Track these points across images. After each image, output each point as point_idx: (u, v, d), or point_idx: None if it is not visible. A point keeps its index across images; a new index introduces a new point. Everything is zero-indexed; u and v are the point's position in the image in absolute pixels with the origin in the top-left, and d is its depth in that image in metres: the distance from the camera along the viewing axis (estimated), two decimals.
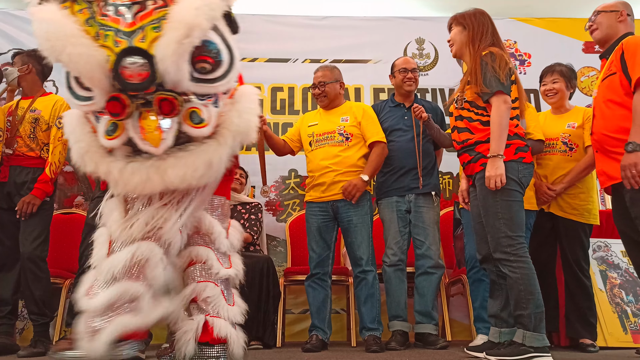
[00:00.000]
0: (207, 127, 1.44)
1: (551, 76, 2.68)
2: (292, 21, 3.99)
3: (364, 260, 2.55)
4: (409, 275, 2.67)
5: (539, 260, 2.63)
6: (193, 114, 1.43)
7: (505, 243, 1.90)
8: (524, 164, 1.98)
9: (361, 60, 3.93)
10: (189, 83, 1.39)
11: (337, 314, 3.33)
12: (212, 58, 1.41)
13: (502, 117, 1.93)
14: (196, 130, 1.42)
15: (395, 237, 2.63)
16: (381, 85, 3.82)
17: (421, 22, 4.08)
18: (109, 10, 1.37)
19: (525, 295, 1.86)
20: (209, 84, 1.43)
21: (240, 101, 1.52)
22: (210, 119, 1.44)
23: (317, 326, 2.58)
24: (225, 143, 1.47)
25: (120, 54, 1.31)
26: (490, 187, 1.91)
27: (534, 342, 1.83)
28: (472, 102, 2.05)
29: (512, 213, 1.91)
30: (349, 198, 2.55)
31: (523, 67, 4.02)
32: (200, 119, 1.43)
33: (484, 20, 2.13)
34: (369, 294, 2.54)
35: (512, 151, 1.97)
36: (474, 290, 2.53)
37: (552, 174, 2.60)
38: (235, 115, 1.49)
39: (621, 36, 2.12)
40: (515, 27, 4.08)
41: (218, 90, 1.46)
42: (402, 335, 2.56)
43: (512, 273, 1.89)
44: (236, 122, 1.48)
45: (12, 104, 2.68)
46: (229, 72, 1.46)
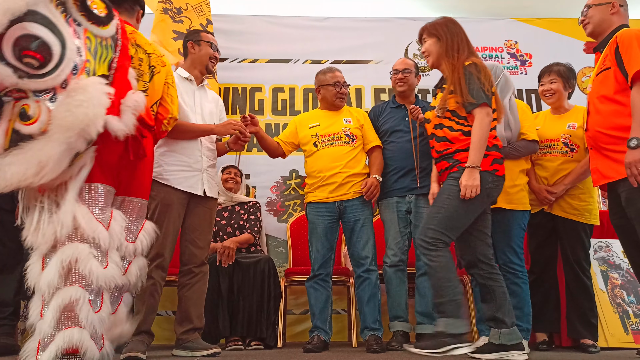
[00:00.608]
0: (36, 124, 1.44)
1: (549, 76, 2.68)
2: (293, 22, 4.00)
3: (369, 259, 2.55)
4: (410, 276, 2.67)
5: (539, 260, 2.65)
6: (23, 111, 1.44)
7: (431, 235, 1.96)
8: (495, 177, 2.01)
9: (362, 60, 3.94)
10: (16, 80, 1.38)
11: (338, 315, 3.34)
12: (38, 53, 1.39)
13: (484, 129, 1.97)
14: (25, 128, 1.43)
15: (395, 238, 2.63)
16: (382, 86, 3.83)
17: (422, 23, 3.98)
18: None
19: (443, 282, 1.91)
20: (38, 79, 1.41)
21: (72, 95, 1.49)
22: (40, 116, 1.44)
23: (318, 327, 2.58)
24: (53, 139, 1.45)
25: None
26: (464, 196, 1.95)
27: (454, 329, 1.87)
28: (454, 112, 2.07)
29: (453, 214, 1.96)
30: (370, 197, 2.59)
31: (524, 68, 4.02)
32: (29, 117, 1.44)
33: (457, 30, 2.16)
34: (372, 294, 2.54)
35: (488, 162, 2.00)
36: (477, 292, 2.53)
37: (554, 175, 2.60)
38: (63, 110, 1.47)
39: (615, 29, 2.08)
40: (516, 27, 4.09)
41: (49, 85, 1.45)
42: (403, 336, 2.56)
43: (431, 262, 1.94)
44: (64, 116, 1.46)
45: None
46: (59, 65, 1.43)
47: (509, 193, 2.44)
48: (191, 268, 2.34)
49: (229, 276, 2.83)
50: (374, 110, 2.88)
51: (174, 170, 2.27)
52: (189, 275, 2.34)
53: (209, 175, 2.39)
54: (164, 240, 2.20)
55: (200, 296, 2.35)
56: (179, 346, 2.30)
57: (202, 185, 2.33)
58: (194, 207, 2.34)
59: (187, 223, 2.35)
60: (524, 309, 2.40)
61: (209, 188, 2.36)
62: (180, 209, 2.29)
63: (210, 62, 2.47)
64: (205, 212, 2.38)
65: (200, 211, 2.36)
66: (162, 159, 2.28)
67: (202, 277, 2.36)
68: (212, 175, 2.43)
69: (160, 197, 2.23)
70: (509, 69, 4.03)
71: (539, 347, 2.55)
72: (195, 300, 2.33)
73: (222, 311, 2.75)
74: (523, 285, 2.41)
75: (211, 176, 2.41)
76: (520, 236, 2.46)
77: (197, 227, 2.35)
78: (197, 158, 2.32)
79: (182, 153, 2.29)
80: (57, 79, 1.45)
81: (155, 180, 2.22)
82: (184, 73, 2.46)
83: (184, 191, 2.29)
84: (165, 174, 2.25)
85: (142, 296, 2.19)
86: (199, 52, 2.46)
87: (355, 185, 2.61)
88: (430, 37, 2.18)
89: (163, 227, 2.19)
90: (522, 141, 2.50)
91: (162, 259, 2.23)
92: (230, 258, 2.82)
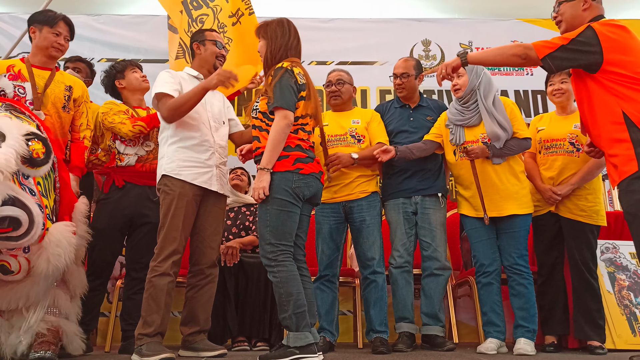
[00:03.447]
0: (19, 274, 1.86)
1: (559, 76, 2.68)
2: (298, 23, 3.92)
3: (375, 261, 2.54)
4: (416, 277, 2.67)
5: (546, 263, 2.65)
6: (3, 267, 1.84)
7: (269, 250, 1.96)
8: (300, 175, 1.99)
9: (367, 62, 3.94)
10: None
11: (344, 316, 3.33)
12: (9, 228, 1.72)
13: (278, 132, 1.97)
14: (9, 278, 1.87)
15: (401, 239, 2.62)
16: (387, 87, 3.83)
17: (427, 24, 4.09)
18: None
19: (285, 297, 1.91)
20: (14, 242, 1.77)
21: (49, 248, 1.87)
22: (20, 269, 1.86)
23: (324, 328, 2.57)
24: (38, 283, 1.92)
25: None
26: (255, 198, 1.97)
27: (298, 342, 1.87)
28: (264, 113, 2.07)
29: (278, 222, 1.96)
30: (330, 167, 2.54)
31: (529, 69, 4.01)
32: (10, 271, 1.85)
33: (282, 31, 2.14)
34: (378, 296, 2.53)
35: (290, 162, 1.99)
36: (484, 294, 2.52)
37: (560, 174, 2.59)
38: (44, 261, 1.87)
39: (587, 24, 2.02)
40: (521, 28, 4.08)
41: (23, 245, 1.84)
42: (409, 337, 2.55)
43: (274, 278, 1.94)
44: (46, 267, 1.87)
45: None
46: (30, 230, 1.77)
47: (517, 197, 2.46)
48: (202, 269, 2.32)
49: (235, 277, 2.83)
50: (378, 110, 2.87)
51: (188, 166, 2.26)
52: (200, 276, 2.33)
53: (221, 172, 2.39)
54: (179, 235, 2.18)
55: (209, 299, 2.34)
56: (185, 347, 2.29)
57: (215, 181, 2.32)
58: (206, 206, 2.33)
59: (198, 222, 2.33)
60: (530, 309, 2.41)
61: (221, 185, 2.36)
62: (195, 206, 2.28)
63: (217, 60, 2.47)
64: (217, 211, 2.37)
65: (212, 210, 2.35)
66: (175, 155, 2.26)
67: (212, 280, 2.35)
68: (224, 173, 2.42)
69: (176, 191, 2.21)
70: (514, 69, 4.02)
71: (546, 349, 2.54)
72: (204, 303, 2.32)
73: (228, 312, 2.76)
74: (529, 286, 2.43)
75: (223, 173, 2.40)
76: (525, 238, 2.47)
77: (208, 226, 2.34)
78: (209, 155, 2.32)
79: (194, 150, 2.29)
80: (31, 239, 1.81)
81: (170, 176, 2.23)
82: (193, 72, 2.46)
83: (199, 187, 2.28)
84: (179, 170, 2.25)
85: (158, 295, 2.12)
86: (204, 52, 2.46)
87: (360, 186, 2.60)
88: (260, 38, 2.18)
89: (178, 222, 2.18)
90: (514, 139, 2.51)
91: (178, 256, 2.19)
92: (234, 257, 2.82)
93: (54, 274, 1.91)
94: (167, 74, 2.38)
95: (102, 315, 2.71)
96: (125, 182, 2.56)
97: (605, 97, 1.95)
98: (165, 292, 2.12)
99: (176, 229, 2.18)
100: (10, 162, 1.72)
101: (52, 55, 2.39)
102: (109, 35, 3.87)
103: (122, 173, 2.57)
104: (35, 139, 1.87)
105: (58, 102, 2.36)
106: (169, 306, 2.17)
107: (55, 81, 2.39)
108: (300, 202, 2.01)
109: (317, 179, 2.07)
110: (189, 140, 2.29)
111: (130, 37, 3.49)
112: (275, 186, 1.97)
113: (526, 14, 4.11)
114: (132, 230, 2.58)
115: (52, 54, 2.38)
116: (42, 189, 1.94)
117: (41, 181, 1.94)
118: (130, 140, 2.59)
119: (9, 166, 1.71)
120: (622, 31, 1.95)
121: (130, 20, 3.81)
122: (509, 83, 3.98)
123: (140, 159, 2.58)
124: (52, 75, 2.39)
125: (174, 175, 2.23)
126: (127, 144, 2.60)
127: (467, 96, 2.55)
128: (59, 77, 2.43)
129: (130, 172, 2.57)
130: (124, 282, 2.73)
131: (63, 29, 2.39)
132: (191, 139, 2.29)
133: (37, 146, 1.87)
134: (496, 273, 2.49)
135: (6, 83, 2.27)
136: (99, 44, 3.77)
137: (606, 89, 1.94)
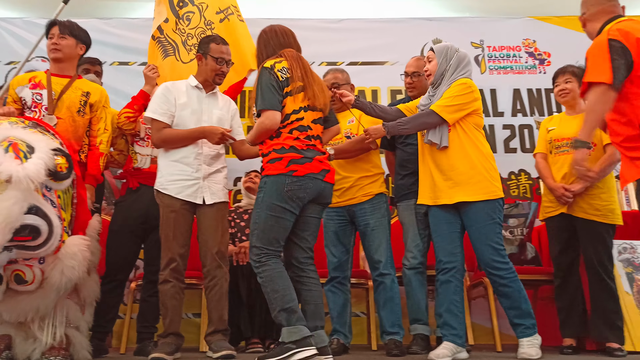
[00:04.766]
0: (33, 284, 1.90)
1: (563, 76, 2.71)
2: (307, 24, 3.99)
3: (381, 263, 2.53)
4: (430, 278, 2.64)
5: (562, 265, 2.61)
6: (17, 276, 1.88)
7: (255, 252, 1.97)
8: (294, 177, 1.95)
9: (378, 62, 3.92)
10: (8, 255, 1.79)
11: (357, 317, 3.32)
12: (28, 236, 1.79)
13: (260, 133, 2.03)
14: (21, 288, 1.90)
15: (414, 240, 2.61)
16: (398, 87, 3.80)
17: (438, 23, 4.06)
18: None
19: (272, 295, 1.92)
20: (31, 251, 1.84)
21: (64, 260, 1.93)
22: (34, 279, 1.89)
23: (337, 330, 2.57)
24: (49, 296, 1.95)
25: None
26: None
27: (292, 336, 1.85)
28: (258, 114, 2.08)
29: (266, 226, 1.96)
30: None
31: (543, 67, 3.97)
32: (24, 281, 1.89)
33: (267, 37, 2.17)
34: (387, 297, 2.52)
35: (283, 164, 1.97)
36: (441, 293, 2.35)
37: (572, 173, 2.52)
38: (58, 273, 1.92)
39: (601, 26, 2.02)
40: (534, 26, 4.04)
41: (40, 255, 1.88)
42: (424, 339, 2.53)
43: (260, 279, 1.96)
44: (59, 279, 1.92)
45: None
46: (49, 240, 1.84)
47: (471, 183, 2.24)
48: (209, 270, 2.37)
49: (247, 278, 2.83)
50: None
51: (174, 180, 2.33)
52: (208, 277, 2.37)
53: (211, 182, 2.40)
54: (173, 245, 2.29)
55: (220, 298, 2.36)
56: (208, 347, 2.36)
57: (202, 193, 2.35)
58: (201, 210, 2.38)
59: (198, 228, 2.40)
60: (522, 305, 2.22)
61: (211, 195, 2.37)
62: (187, 214, 2.34)
63: (216, 76, 2.47)
64: (213, 213, 2.38)
65: (207, 213, 2.38)
66: (165, 169, 2.37)
67: (219, 281, 2.37)
68: (217, 181, 2.42)
69: (164, 204, 2.33)
70: (527, 68, 3.98)
71: (564, 352, 2.50)
72: (215, 303, 2.35)
73: (241, 313, 2.76)
74: (512, 284, 2.22)
75: (214, 182, 2.41)
76: (494, 229, 2.24)
77: (206, 228, 2.38)
78: (196, 167, 2.36)
79: (182, 162, 2.35)
80: (49, 250, 1.87)
81: (158, 191, 2.35)
82: (194, 81, 2.49)
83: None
84: (166, 184, 2.34)
85: (164, 300, 2.28)
86: (204, 66, 2.47)
87: (363, 189, 2.59)
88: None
89: (171, 232, 2.29)
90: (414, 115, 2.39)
91: (175, 264, 2.29)
92: (246, 257, 2.82)
93: (66, 287, 1.96)
94: (163, 91, 2.43)
95: (117, 317, 2.72)
96: (140, 184, 2.61)
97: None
98: (170, 296, 2.28)
99: (168, 240, 2.30)
100: (40, 172, 1.81)
101: (53, 58, 2.47)
102: (121, 38, 3.89)
103: (137, 176, 2.63)
104: (60, 154, 1.96)
105: (73, 107, 2.42)
106: (176, 308, 2.30)
107: (73, 87, 2.46)
108: (296, 205, 1.98)
109: (317, 178, 2.00)
110: (177, 154, 2.36)
111: (141, 39, 3.50)
112: (268, 189, 1.97)
113: (538, 12, 4.07)
114: (147, 233, 2.60)
115: (52, 57, 2.47)
116: (62, 202, 2.03)
117: (61, 195, 2.03)
118: (142, 139, 2.65)
119: (39, 176, 1.80)
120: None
121: (141, 24, 3.82)
122: (521, 81, 3.93)
123: (154, 159, 2.60)
124: (70, 82, 2.46)
125: (161, 190, 2.34)
126: (140, 144, 2.66)
127: (438, 80, 2.39)
128: (77, 83, 2.49)
129: (145, 175, 2.61)
130: (140, 284, 2.76)
131: (53, 31, 2.48)
132: (178, 152, 2.36)
133: (61, 161, 1.95)
134: (455, 270, 2.30)
135: (27, 92, 2.41)
136: (110, 47, 3.79)
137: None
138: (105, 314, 2.48)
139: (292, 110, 2.03)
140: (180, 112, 2.40)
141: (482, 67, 3.98)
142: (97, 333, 2.45)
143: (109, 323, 2.57)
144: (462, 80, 2.34)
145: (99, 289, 2.29)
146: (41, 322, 2.01)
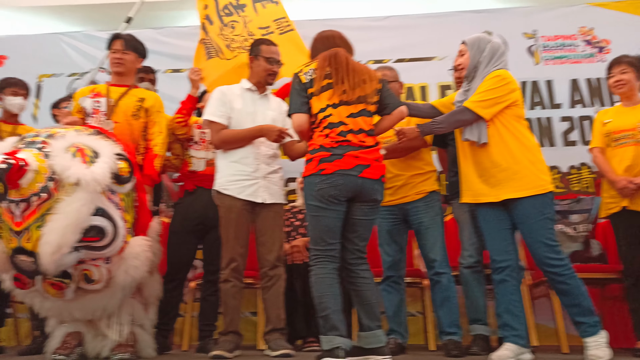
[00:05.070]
0: (99, 284, 1.99)
1: (619, 67, 2.60)
2: (352, 24, 3.97)
3: (437, 262, 2.49)
4: (488, 277, 2.57)
5: (633, 263, 2.47)
6: (86, 276, 1.97)
7: (309, 255, 2.02)
8: (322, 176, 1.95)
9: (425, 57, 3.85)
10: (77, 255, 1.89)
11: (412, 317, 3.27)
12: (96, 237, 1.89)
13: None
14: (89, 287, 1.99)
15: (470, 238, 2.55)
16: (448, 82, 3.71)
17: (486, 15, 3.94)
18: (2, 204, 1.82)
19: (315, 300, 1.96)
20: (98, 252, 1.94)
21: (128, 260, 2.02)
22: (102, 278, 1.98)
23: (394, 330, 2.55)
24: (115, 295, 2.06)
25: (12, 252, 1.84)
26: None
27: (325, 345, 1.89)
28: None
29: (310, 227, 2.03)
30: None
31: (601, 55, 3.77)
32: (92, 280, 1.98)
33: (317, 44, 2.19)
34: (444, 297, 2.48)
35: (314, 165, 1.98)
36: (498, 294, 2.24)
37: (635, 164, 2.47)
38: (123, 272, 2.01)
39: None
40: (590, 13, 3.84)
41: (106, 256, 1.97)
42: (484, 340, 2.47)
43: (311, 281, 1.98)
44: (124, 278, 2.02)
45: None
46: (114, 241, 1.94)
47: (516, 178, 2.12)
48: (265, 271, 2.41)
49: (302, 277, 2.85)
50: None
51: (235, 180, 2.39)
52: (265, 278, 2.42)
53: (270, 182, 2.44)
54: (234, 244, 2.34)
55: (277, 298, 2.41)
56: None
57: (262, 193, 2.40)
58: (260, 211, 2.42)
59: (257, 228, 2.45)
60: (583, 302, 2.10)
61: (270, 195, 2.42)
62: (246, 214, 2.39)
63: (269, 76, 2.52)
64: (271, 215, 2.43)
65: (265, 215, 2.43)
66: (225, 170, 2.43)
67: (276, 281, 2.41)
68: (275, 182, 2.47)
69: (225, 205, 2.38)
70: (584, 57, 3.80)
71: (637, 355, 2.37)
72: (272, 302, 2.40)
73: (297, 312, 2.79)
74: (569, 281, 2.10)
75: (273, 182, 2.46)
76: (546, 225, 2.12)
77: (264, 230, 2.42)
78: (255, 166, 2.41)
79: (241, 162, 2.41)
80: (113, 250, 1.97)
81: (218, 191, 2.41)
82: (247, 84, 2.54)
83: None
84: (227, 185, 2.40)
85: (225, 299, 2.36)
86: (256, 67, 2.53)
87: (416, 187, 2.56)
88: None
89: (232, 232, 2.35)
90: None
91: (235, 263, 2.35)
92: (301, 255, 2.85)
93: (131, 286, 2.06)
94: (218, 94, 2.49)
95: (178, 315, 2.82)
96: (196, 186, 2.69)
97: None
98: (230, 296, 2.35)
99: (229, 240, 2.36)
100: (105, 175, 1.92)
101: (116, 72, 2.60)
102: (172, 47, 4.02)
103: (193, 178, 2.71)
104: (122, 159, 2.06)
105: (128, 111, 2.54)
106: (235, 307, 2.37)
107: (129, 94, 2.58)
108: (331, 203, 1.95)
109: (349, 174, 1.93)
110: (236, 154, 2.42)
111: (192, 47, 3.61)
112: (305, 191, 2.02)
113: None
114: (205, 233, 2.68)
115: (114, 70, 2.61)
116: (125, 205, 2.13)
117: (124, 198, 2.13)
118: (196, 143, 2.74)
119: (104, 179, 1.91)
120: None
121: (190, 32, 3.92)
122: (579, 71, 3.76)
123: (209, 162, 2.68)
124: (127, 91, 2.58)
125: (221, 190, 2.40)
126: (195, 148, 2.75)
127: (472, 74, 2.28)
128: (134, 91, 2.61)
129: (200, 177, 2.70)
130: (199, 284, 2.85)
131: (116, 45, 2.60)
132: (237, 153, 2.41)
133: (124, 165, 2.05)
134: (510, 269, 2.18)
135: (88, 102, 2.55)
136: (164, 56, 3.93)
137: None
138: (168, 312, 2.58)
139: (319, 109, 2.03)
140: (236, 115, 2.46)
141: (535, 58, 3.83)
142: (160, 331, 2.54)
143: (171, 321, 2.66)
144: (496, 72, 2.22)
145: (161, 289, 2.39)
146: (108, 320, 2.11)
